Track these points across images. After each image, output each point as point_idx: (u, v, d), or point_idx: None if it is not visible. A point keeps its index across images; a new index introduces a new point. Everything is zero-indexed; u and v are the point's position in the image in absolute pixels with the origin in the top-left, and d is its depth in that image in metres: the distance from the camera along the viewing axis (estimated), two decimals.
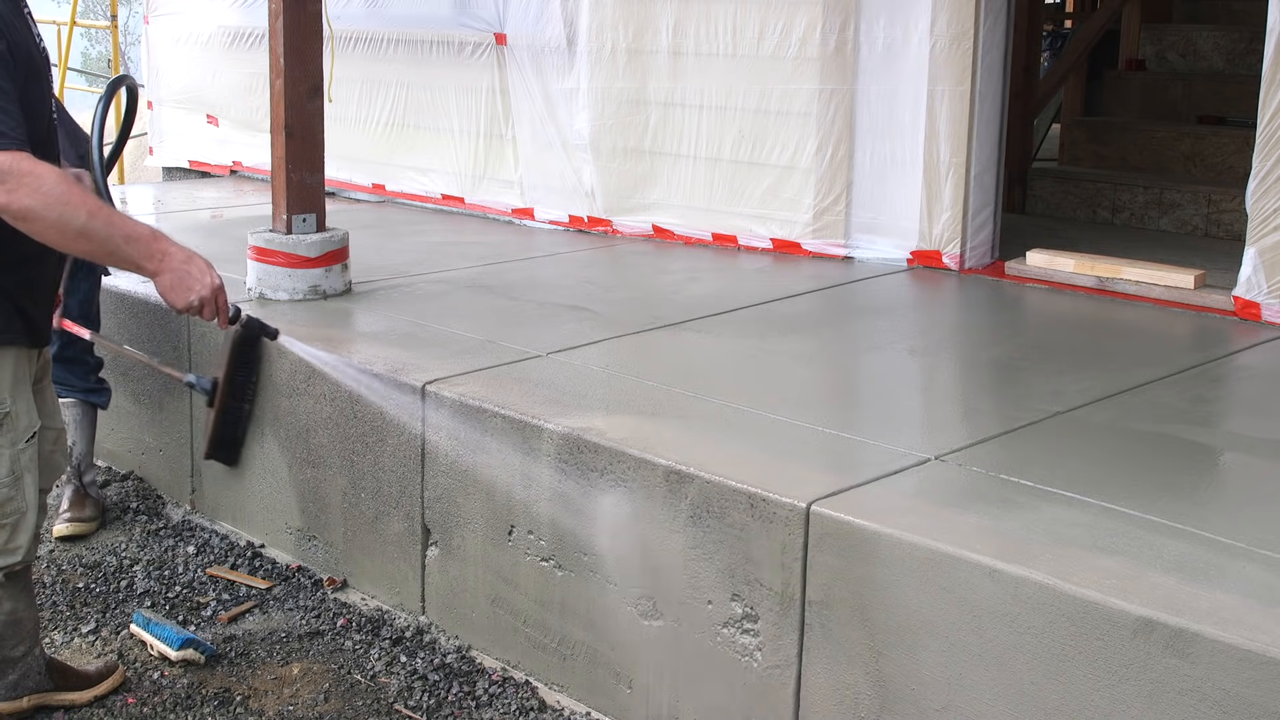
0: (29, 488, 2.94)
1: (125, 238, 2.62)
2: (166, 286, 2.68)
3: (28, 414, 2.90)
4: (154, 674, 3.59)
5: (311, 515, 4.16)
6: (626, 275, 5.57)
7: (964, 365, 4.36)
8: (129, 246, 2.63)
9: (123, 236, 2.61)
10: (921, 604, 2.74)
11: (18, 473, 2.90)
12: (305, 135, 4.83)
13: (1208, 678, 2.36)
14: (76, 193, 2.55)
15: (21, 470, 2.91)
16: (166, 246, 2.67)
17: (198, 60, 8.07)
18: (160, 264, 2.67)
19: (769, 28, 5.68)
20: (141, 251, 2.64)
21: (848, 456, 3.29)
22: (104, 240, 2.59)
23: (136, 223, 2.64)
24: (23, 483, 2.92)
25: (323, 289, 4.81)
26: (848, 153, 5.61)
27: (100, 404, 4.59)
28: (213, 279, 2.73)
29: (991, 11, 5.29)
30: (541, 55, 6.37)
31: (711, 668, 3.14)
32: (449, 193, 6.93)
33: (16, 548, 2.98)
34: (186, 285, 2.68)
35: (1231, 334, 4.57)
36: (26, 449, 2.90)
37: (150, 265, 2.66)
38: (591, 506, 3.34)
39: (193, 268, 2.70)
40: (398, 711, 3.44)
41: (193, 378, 4.12)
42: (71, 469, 4.48)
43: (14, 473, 2.90)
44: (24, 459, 2.90)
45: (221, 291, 2.76)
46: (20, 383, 2.88)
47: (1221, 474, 3.30)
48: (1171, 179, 6.79)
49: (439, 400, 3.71)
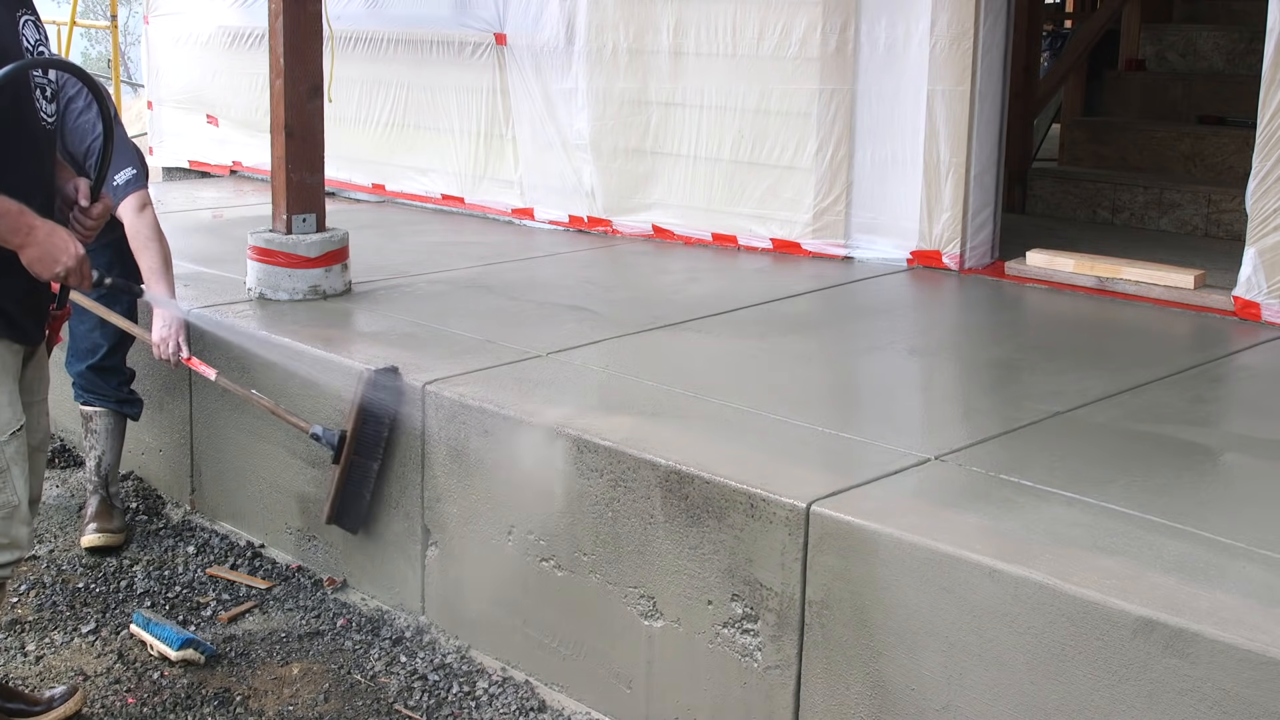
0: (18, 480, 2.96)
1: None
2: (33, 258, 2.77)
3: (10, 407, 2.93)
4: (154, 674, 3.59)
5: (311, 515, 4.15)
6: (626, 275, 5.57)
7: (964, 365, 4.36)
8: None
9: None
10: (921, 604, 2.74)
11: (2, 465, 2.93)
12: (305, 135, 4.83)
13: (1207, 678, 2.36)
14: None
15: (7, 463, 2.93)
16: (32, 221, 2.75)
17: (198, 60, 8.07)
18: (26, 238, 2.76)
19: (769, 28, 5.68)
20: (8, 227, 2.73)
21: (848, 456, 3.29)
22: None
23: (4, 199, 2.71)
24: (9, 475, 2.94)
25: (323, 289, 4.81)
26: (848, 153, 5.62)
27: (131, 415, 4.49)
28: (75, 249, 2.81)
29: (991, 11, 5.29)
30: (541, 55, 6.37)
31: (711, 668, 3.14)
32: (449, 193, 6.93)
33: (12, 542, 2.99)
34: (53, 257, 2.77)
35: (1231, 334, 4.57)
36: (11, 442, 2.93)
37: (16, 239, 2.75)
38: (591, 506, 3.34)
39: (57, 239, 2.79)
40: (398, 711, 3.44)
41: (319, 429, 3.86)
42: (99, 479, 4.41)
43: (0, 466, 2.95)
44: (8, 451, 2.93)
45: (85, 261, 2.84)
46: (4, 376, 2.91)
47: (1221, 474, 3.29)
48: (1171, 179, 6.79)
49: (439, 400, 3.71)
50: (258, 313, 4.60)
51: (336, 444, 3.82)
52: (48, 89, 2.93)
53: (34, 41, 2.88)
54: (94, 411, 4.41)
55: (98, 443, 4.41)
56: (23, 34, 2.85)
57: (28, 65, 2.79)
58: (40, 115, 2.89)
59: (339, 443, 3.81)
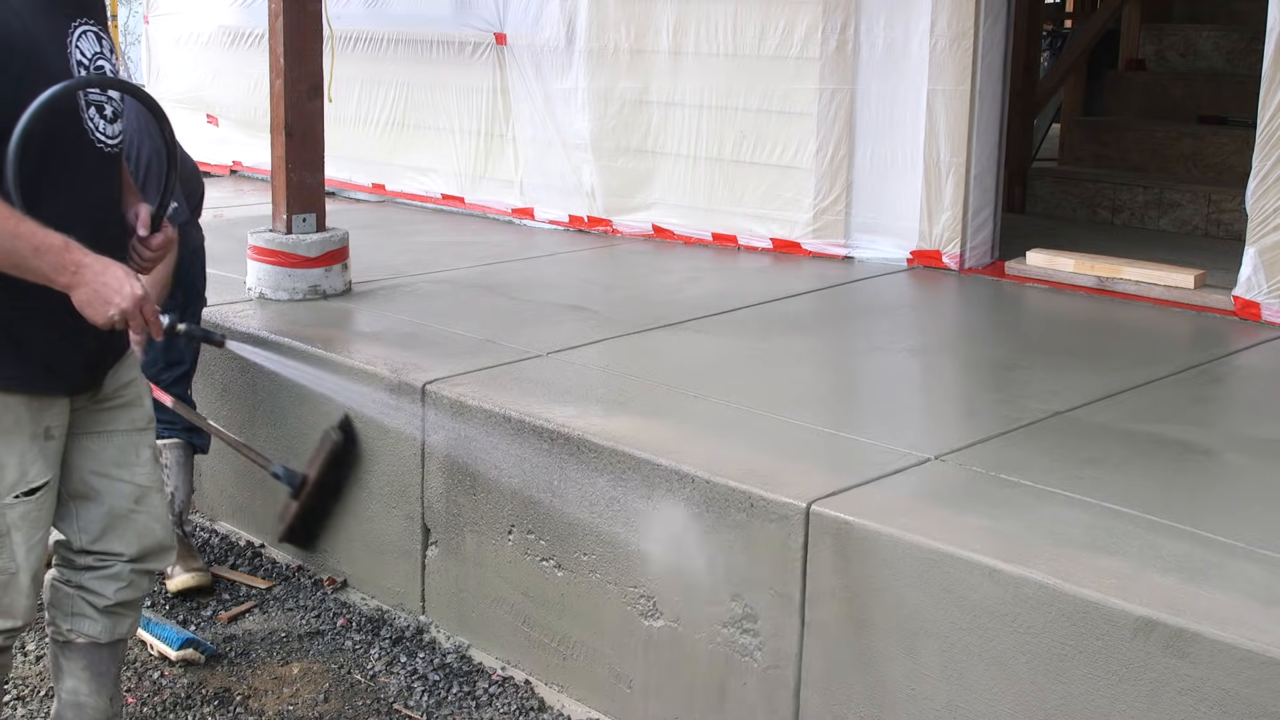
0: (18, 547, 2.64)
1: (34, 250, 2.38)
2: (83, 301, 2.43)
3: (19, 466, 2.60)
4: (154, 674, 3.59)
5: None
6: (626, 275, 5.57)
7: (964, 365, 4.36)
8: (39, 259, 2.39)
9: (31, 249, 2.38)
10: (921, 604, 2.74)
11: (2, 530, 2.61)
12: (305, 135, 4.83)
13: (1207, 678, 2.36)
14: None
15: (7, 527, 2.62)
16: (80, 257, 2.41)
17: (198, 60, 8.07)
18: (74, 277, 2.41)
19: (769, 28, 5.68)
20: (53, 264, 2.39)
21: (848, 456, 3.29)
22: (9, 253, 2.37)
23: (48, 232, 2.38)
24: (9, 540, 2.63)
25: (323, 289, 4.81)
26: (848, 152, 5.61)
27: (201, 446, 4.20)
28: (133, 289, 2.45)
29: (991, 11, 5.29)
30: (541, 55, 6.37)
31: (711, 668, 3.14)
32: (449, 193, 6.93)
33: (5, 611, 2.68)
34: (104, 298, 2.43)
35: (1231, 334, 4.57)
36: (16, 505, 2.61)
37: (62, 279, 2.41)
38: (591, 506, 3.34)
39: (109, 278, 2.43)
40: (398, 711, 3.44)
41: (279, 468, 3.92)
42: (174, 517, 3.96)
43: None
44: (11, 515, 2.61)
45: (145, 301, 2.47)
46: (10, 434, 2.58)
47: (1221, 474, 3.29)
48: (1171, 179, 6.79)
49: (439, 400, 3.71)
50: (258, 312, 4.59)
51: (297, 485, 3.94)
52: (106, 108, 2.61)
53: (91, 55, 2.58)
54: (164, 444, 4.03)
55: (170, 478, 4.01)
56: (76, 47, 2.55)
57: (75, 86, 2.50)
58: (94, 136, 2.58)
59: (300, 484, 3.94)
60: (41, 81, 2.43)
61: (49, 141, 2.46)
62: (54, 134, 2.48)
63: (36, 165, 2.44)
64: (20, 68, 2.43)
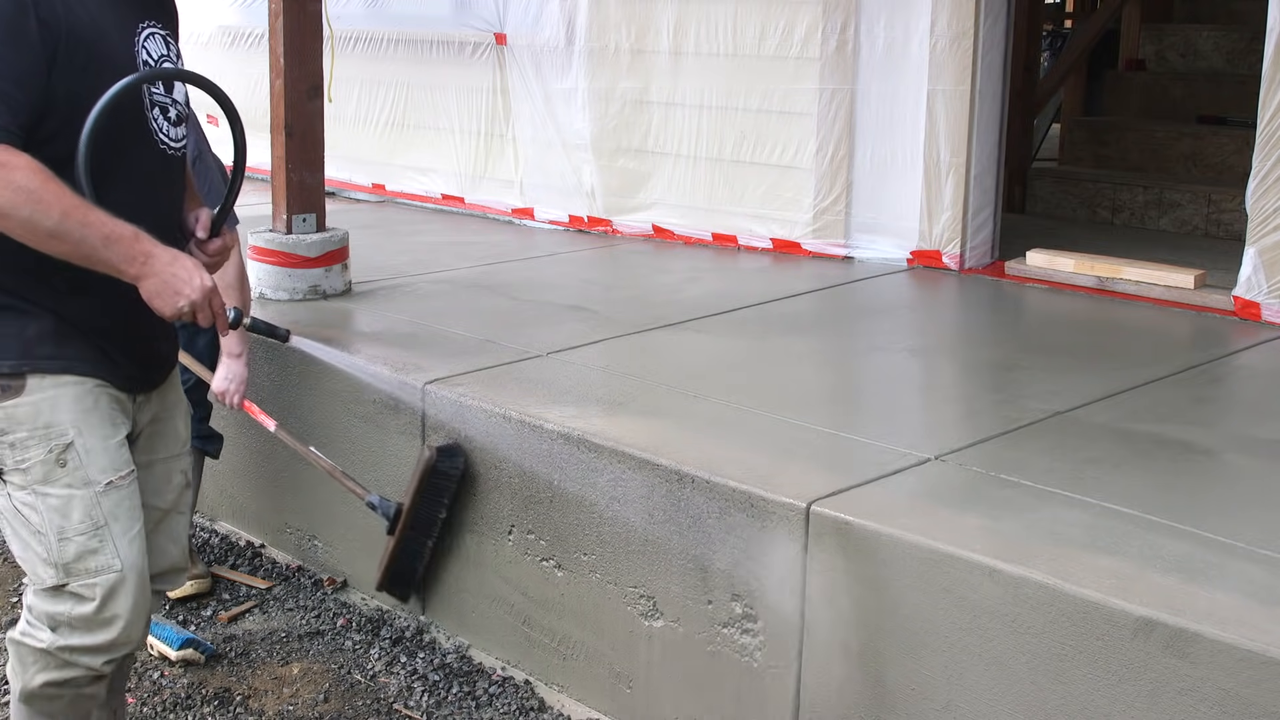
0: (119, 539, 2.48)
1: (104, 239, 2.35)
2: (152, 292, 2.40)
3: (104, 452, 2.49)
4: (154, 674, 3.59)
5: (311, 515, 4.15)
6: (626, 275, 5.57)
7: (964, 365, 4.36)
8: (108, 249, 2.36)
9: (100, 238, 2.35)
10: (921, 604, 2.74)
11: (98, 520, 2.47)
12: (305, 135, 4.84)
13: (1207, 678, 2.36)
14: (51, 189, 2.30)
15: (104, 518, 2.47)
16: (149, 248, 2.38)
17: (197, 60, 7.99)
18: (143, 267, 2.38)
19: (769, 28, 5.68)
20: (122, 254, 2.36)
21: (848, 456, 3.29)
22: (79, 242, 2.34)
23: (117, 222, 2.35)
24: (108, 533, 2.47)
25: (323, 289, 4.81)
26: (848, 153, 5.62)
27: (211, 452, 4.15)
28: (202, 280, 2.43)
29: (991, 11, 5.29)
30: (541, 55, 6.37)
31: (711, 668, 3.14)
32: (449, 193, 6.93)
33: (113, 618, 2.49)
34: (174, 289, 2.40)
35: (1231, 334, 4.57)
36: (109, 493, 2.48)
37: (132, 269, 2.38)
38: (591, 506, 3.33)
39: (179, 269, 2.41)
40: (398, 711, 3.44)
41: (375, 498, 3.70)
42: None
43: (92, 520, 2.47)
44: (106, 504, 2.48)
45: (215, 294, 2.46)
46: (90, 413, 2.49)
47: (1222, 474, 3.29)
48: (1171, 179, 6.79)
49: (438, 399, 3.71)
50: (258, 313, 4.58)
51: (392, 516, 3.67)
52: (171, 109, 2.58)
53: (158, 57, 2.56)
54: None
55: None
56: (143, 47, 2.52)
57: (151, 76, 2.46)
58: (157, 137, 2.54)
59: (395, 515, 3.66)
60: (108, 75, 2.39)
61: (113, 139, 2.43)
62: (118, 132, 2.44)
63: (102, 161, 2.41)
64: (85, 59, 2.39)
